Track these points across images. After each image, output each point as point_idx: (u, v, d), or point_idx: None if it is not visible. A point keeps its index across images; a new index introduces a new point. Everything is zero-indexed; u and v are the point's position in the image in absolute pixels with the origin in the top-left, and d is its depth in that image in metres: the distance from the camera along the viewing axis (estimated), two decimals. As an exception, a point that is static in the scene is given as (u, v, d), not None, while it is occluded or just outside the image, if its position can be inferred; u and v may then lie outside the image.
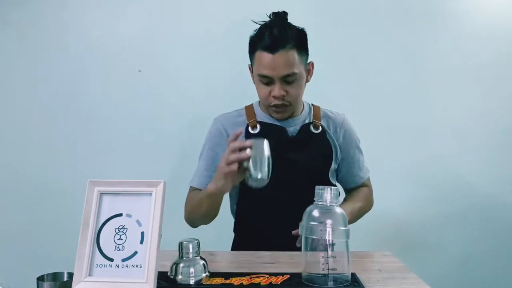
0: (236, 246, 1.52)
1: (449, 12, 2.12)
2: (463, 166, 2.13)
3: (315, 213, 0.97)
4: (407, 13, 2.11)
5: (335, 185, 1.48)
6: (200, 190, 1.42)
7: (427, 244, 2.14)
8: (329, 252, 0.94)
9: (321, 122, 1.48)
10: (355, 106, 2.11)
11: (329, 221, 0.95)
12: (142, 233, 0.90)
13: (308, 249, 0.97)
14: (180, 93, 2.09)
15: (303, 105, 1.50)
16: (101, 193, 0.93)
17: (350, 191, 1.57)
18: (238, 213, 1.50)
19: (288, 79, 1.34)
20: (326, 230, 0.94)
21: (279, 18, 1.39)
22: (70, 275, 0.90)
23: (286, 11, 1.42)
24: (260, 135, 1.41)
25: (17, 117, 2.09)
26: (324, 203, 0.97)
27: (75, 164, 2.07)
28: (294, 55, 1.33)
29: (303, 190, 1.37)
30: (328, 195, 0.97)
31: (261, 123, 1.44)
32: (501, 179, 2.14)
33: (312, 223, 0.96)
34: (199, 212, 1.37)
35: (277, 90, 1.34)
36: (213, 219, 1.40)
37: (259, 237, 1.43)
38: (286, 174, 1.37)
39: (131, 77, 2.08)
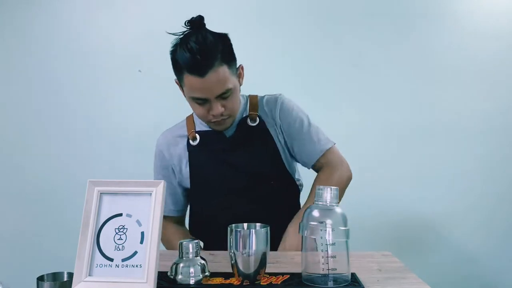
0: None
1: (450, 11, 2.12)
2: (463, 165, 2.14)
3: (315, 213, 0.97)
4: (408, 13, 2.11)
5: (292, 177, 1.40)
6: None
7: (427, 244, 2.14)
8: (329, 252, 0.93)
9: (258, 113, 1.38)
10: (356, 107, 2.12)
11: (329, 221, 0.95)
12: (142, 233, 0.90)
13: (308, 249, 0.97)
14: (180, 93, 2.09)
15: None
16: (101, 193, 0.93)
17: (317, 170, 1.41)
18: (192, 222, 1.48)
19: (224, 96, 1.26)
20: (326, 230, 0.94)
21: (196, 25, 1.26)
22: (70, 275, 0.90)
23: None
24: (200, 144, 1.37)
25: (17, 117, 2.09)
26: (324, 203, 0.97)
27: (75, 164, 2.07)
28: (225, 70, 1.23)
29: (253, 190, 1.34)
30: (328, 195, 0.97)
31: (199, 132, 1.39)
32: (501, 179, 2.14)
33: (312, 223, 0.96)
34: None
35: (215, 109, 1.26)
36: None
37: (215, 243, 1.24)
38: (231, 178, 1.34)
39: (131, 77, 2.08)
